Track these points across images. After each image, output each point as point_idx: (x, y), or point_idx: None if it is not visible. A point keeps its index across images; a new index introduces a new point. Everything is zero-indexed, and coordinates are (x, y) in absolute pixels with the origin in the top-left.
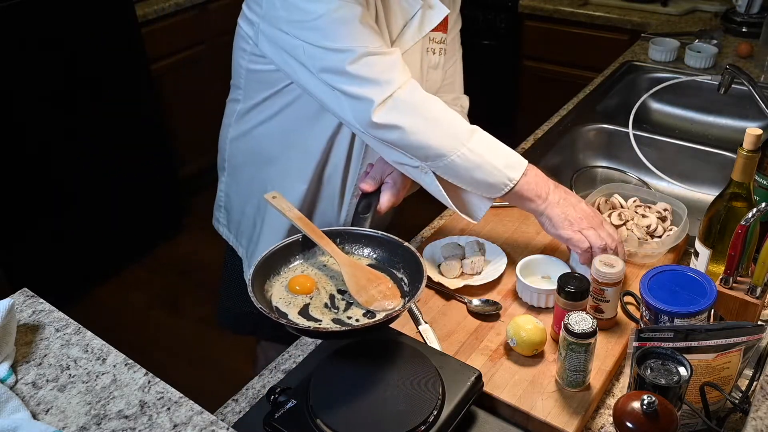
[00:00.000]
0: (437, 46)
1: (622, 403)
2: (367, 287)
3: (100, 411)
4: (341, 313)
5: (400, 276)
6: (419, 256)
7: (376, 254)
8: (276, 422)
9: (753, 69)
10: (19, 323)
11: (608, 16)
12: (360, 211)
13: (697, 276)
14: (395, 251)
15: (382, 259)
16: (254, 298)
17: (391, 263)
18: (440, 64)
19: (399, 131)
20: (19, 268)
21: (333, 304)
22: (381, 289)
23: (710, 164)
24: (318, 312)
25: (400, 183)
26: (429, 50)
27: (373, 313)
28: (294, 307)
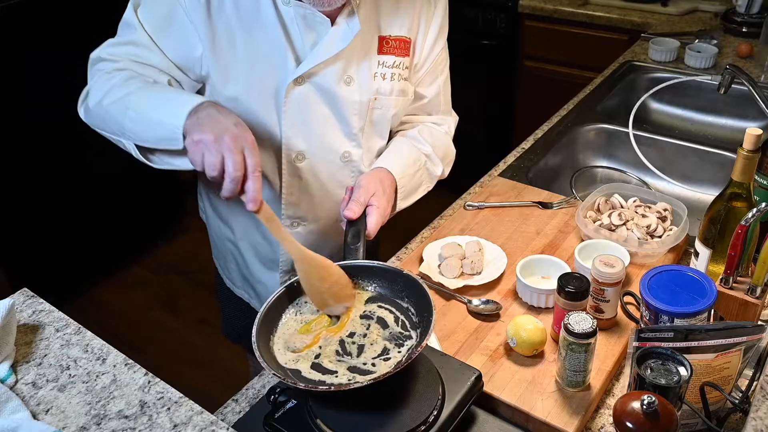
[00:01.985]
0: (390, 71)
1: (622, 403)
2: (319, 288)
3: (100, 411)
4: (355, 358)
5: (406, 305)
6: (422, 284)
7: (376, 284)
8: (276, 422)
9: (753, 69)
10: (19, 323)
11: (608, 16)
12: (350, 242)
13: (697, 276)
14: (396, 280)
15: (383, 290)
16: (266, 365)
17: (394, 292)
18: (399, 90)
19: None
20: (19, 268)
21: (345, 350)
22: (333, 290)
23: (710, 164)
24: (331, 363)
25: (385, 202)
26: (378, 75)
27: (387, 351)
28: (305, 361)
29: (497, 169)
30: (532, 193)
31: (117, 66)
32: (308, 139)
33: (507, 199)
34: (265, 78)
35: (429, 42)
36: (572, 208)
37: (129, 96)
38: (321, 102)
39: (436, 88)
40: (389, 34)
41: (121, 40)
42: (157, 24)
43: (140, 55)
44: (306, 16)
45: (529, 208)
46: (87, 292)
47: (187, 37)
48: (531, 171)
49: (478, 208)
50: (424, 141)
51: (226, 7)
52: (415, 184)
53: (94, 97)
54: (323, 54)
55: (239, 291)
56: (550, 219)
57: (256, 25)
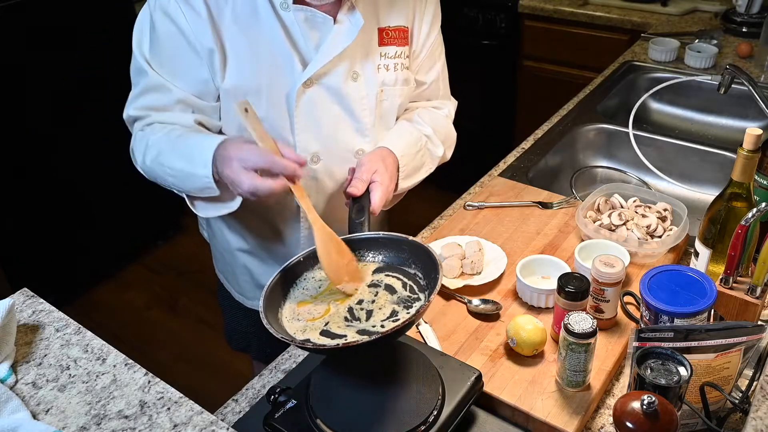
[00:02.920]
0: (392, 61)
1: (622, 403)
2: (338, 261)
3: (100, 411)
4: (364, 322)
5: (413, 271)
6: (427, 247)
7: (382, 255)
8: (276, 422)
9: (753, 69)
10: (19, 323)
11: (608, 16)
12: (354, 216)
13: (697, 276)
14: (401, 248)
15: (390, 260)
16: (272, 329)
17: (400, 261)
18: (403, 80)
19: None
20: (19, 268)
21: (353, 316)
22: (349, 268)
23: (710, 164)
24: (339, 328)
25: (388, 179)
26: (381, 67)
27: (395, 313)
28: (313, 330)
29: (497, 169)
30: (532, 193)
31: (146, 121)
32: (321, 140)
33: (507, 199)
34: (274, 84)
35: (425, 29)
36: (572, 208)
37: (162, 154)
38: (331, 101)
39: (435, 74)
40: (388, 25)
41: (138, 90)
42: (165, 62)
43: (159, 100)
44: (308, 18)
45: (529, 208)
46: (87, 292)
47: (195, 68)
48: (531, 171)
49: (478, 208)
50: (424, 123)
51: (225, 17)
52: (417, 164)
53: (138, 158)
54: (329, 53)
55: (252, 302)
56: (550, 219)
57: (257, 32)
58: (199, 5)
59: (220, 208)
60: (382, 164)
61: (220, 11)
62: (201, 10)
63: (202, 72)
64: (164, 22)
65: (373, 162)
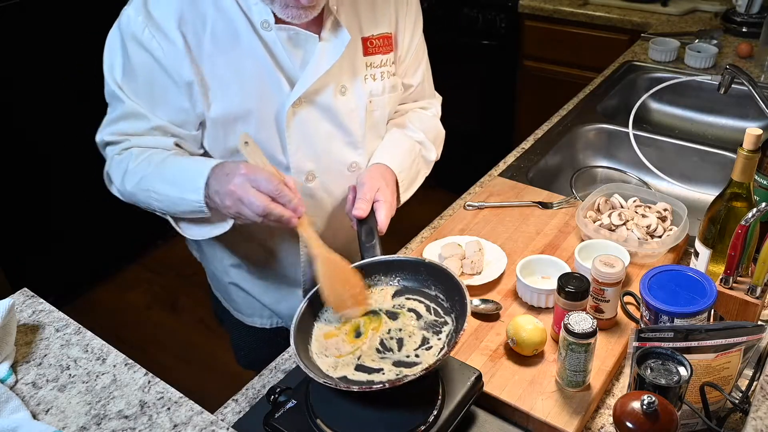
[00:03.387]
0: (378, 70)
1: (622, 403)
2: (340, 291)
3: (100, 411)
4: (397, 353)
5: (434, 293)
6: (446, 269)
7: (399, 278)
8: (276, 422)
9: (753, 69)
10: (19, 323)
11: (608, 16)
12: (364, 240)
13: (697, 276)
14: (418, 270)
15: (408, 283)
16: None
17: (419, 282)
18: (390, 87)
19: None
20: (19, 268)
21: (385, 347)
22: (353, 293)
23: (710, 164)
24: (374, 361)
25: (391, 196)
26: (368, 78)
27: (427, 340)
28: (346, 366)
29: (497, 169)
30: (532, 193)
31: (123, 146)
32: (315, 158)
33: (507, 199)
34: (262, 107)
35: (408, 32)
36: (572, 208)
37: (145, 179)
38: (322, 118)
39: (421, 75)
40: (371, 34)
41: (113, 115)
42: (140, 91)
43: (136, 127)
44: (291, 37)
45: (529, 208)
46: (87, 292)
47: (173, 97)
48: (531, 171)
49: (478, 208)
50: (416, 128)
51: (205, 46)
52: (413, 174)
53: (116, 182)
54: (316, 72)
55: (251, 320)
56: (550, 219)
57: (239, 56)
58: (175, 36)
59: (210, 229)
60: (383, 181)
61: (198, 40)
62: (177, 42)
63: (182, 102)
64: (138, 51)
65: (373, 180)
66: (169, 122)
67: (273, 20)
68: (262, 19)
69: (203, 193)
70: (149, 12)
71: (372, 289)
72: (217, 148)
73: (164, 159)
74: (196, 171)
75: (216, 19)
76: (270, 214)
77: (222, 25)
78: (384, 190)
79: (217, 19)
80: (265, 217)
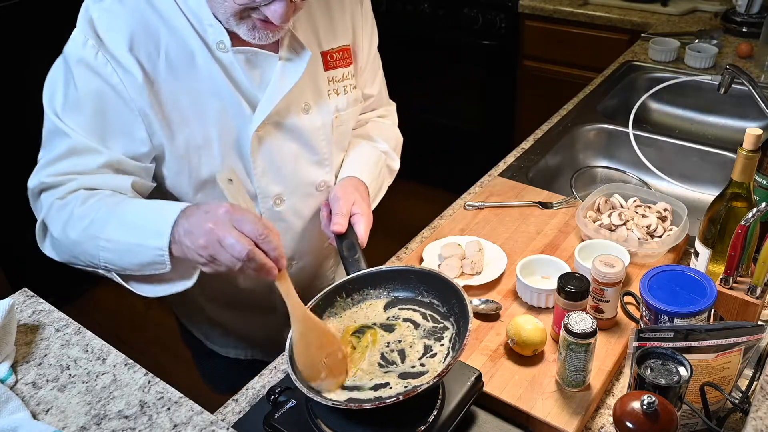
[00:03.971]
0: (341, 84)
1: (622, 403)
2: (315, 356)
3: (100, 411)
4: (401, 365)
5: (428, 300)
6: (438, 273)
7: (389, 289)
8: (276, 422)
9: (753, 69)
10: (19, 323)
11: (608, 16)
12: (347, 255)
13: (697, 276)
14: (408, 278)
15: (398, 293)
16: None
17: (410, 291)
18: (353, 100)
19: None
20: (19, 268)
21: (388, 360)
22: (329, 362)
23: (710, 164)
24: (379, 377)
25: (367, 208)
26: (332, 92)
27: (430, 348)
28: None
29: (497, 169)
30: (532, 193)
31: (67, 188)
32: (282, 181)
33: (507, 199)
34: (224, 133)
35: (367, 41)
36: (572, 208)
37: (93, 224)
38: (287, 139)
39: (379, 84)
40: (331, 47)
41: (55, 154)
42: (89, 123)
43: (85, 164)
44: (249, 59)
45: (529, 208)
46: (87, 292)
47: (128, 127)
48: (531, 171)
49: (478, 208)
50: (380, 139)
51: (161, 72)
52: (379, 184)
53: (54, 232)
54: (278, 93)
55: (226, 351)
56: (550, 219)
57: (197, 80)
58: (130, 64)
59: (167, 287)
60: (357, 194)
61: (154, 68)
62: (134, 71)
63: (138, 132)
64: (89, 77)
65: (348, 194)
66: (124, 155)
67: (229, 42)
68: (218, 40)
69: (168, 238)
70: (98, 35)
71: (361, 304)
72: (182, 183)
73: (120, 201)
74: (162, 212)
75: (169, 42)
76: (252, 259)
77: (176, 48)
78: (360, 203)
79: (170, 41)
80: (246, 263)
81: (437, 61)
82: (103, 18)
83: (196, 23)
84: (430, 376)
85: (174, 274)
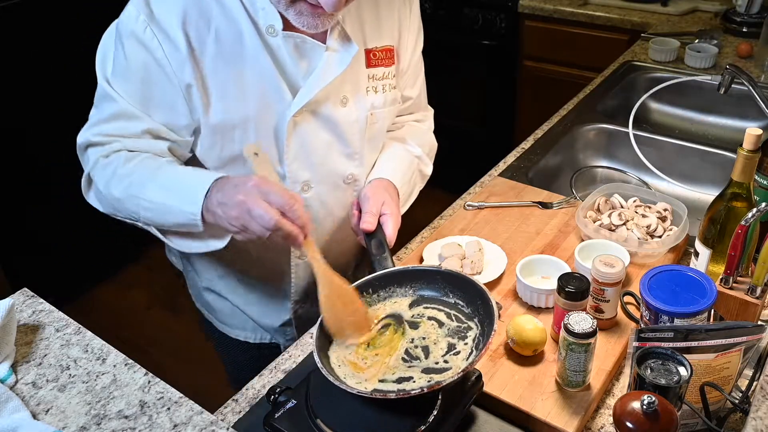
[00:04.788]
0: (380, 83)
1: (622, 403)
2: (341, 314)
3: (100, 411)
4: (425, 360)
5: (452, 300)
6: (463, 275)
7: (414, 288)
8: (276, 422)
9: (753, 69)
10: (19, 323)
11: (608, 16)
12: (375, 253)
13: (697, 276)
14: (434, 279)
15: (424, 292)
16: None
17: (435, 291)
18: (391, 100)
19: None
20: (19, 268)
21: (411, 356)
22: (354, 319)
23: (710, 164)
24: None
25: (396, 209)
26: (370, 90)
27: (453, 346)
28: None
29: (497, 169)
30: (532, 193)
31: (111, 148)
32: (312, 168)
33: (507, 199)
34: (262, 115)
35: (411, 45)
36: (572, 208)
37: (134, 185)
38: (322, 128)
39: (419, 88)
40: (375, 46)
41: (103, 115)
42: (135, 91)
43: (128, 128)
44: (298, 45)
45: (529, 208)
46: (87, 292)
47: (170, 99)
48: (531, 171)
49: (478, 208)
50: (414, 143)
51: (208, 49)
52: (410, 188)
53: (99, 186)
54: (320, 82)
55: (235, 332)
56: (550, 219)
57: (242, 62)
58: (178, 39)
59: (201, 244)
60: (387, 195)
61: (201, 42)
62: (181, 45)
63: (179, 105)
64: (137, 50)
65: (378, 194)
66: (164, 125)
67: (281, 26)
68: (269, 24)
69: (201, 204)
70: (152, 10)
71: (386, 301)
72: (211, 157)
73: (160, 165)
74: (197, 181)
75: (220, 21)
76: (280, 228)
77: (226, 28)
78: (389, 203)
79: (221, 20)
80: (274, 232)
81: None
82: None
83: (248, 5)
84: (453, 372)
85: (207, 233)
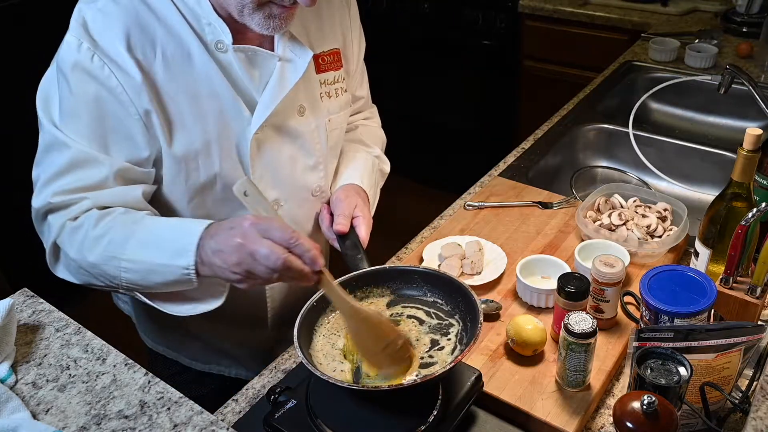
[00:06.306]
0: (332, 87)
1: (622, 403)
2: (373, 349)
3: (100, 411)
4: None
5: (431, 299)
6: (444, 273)
7: (393, 286)
8: (276, 422)
9: (753, 69)
10: (19, 323)
11: (608, 16)
12: (350, 254)
13: (697, 276)
14: (411, 278)
15: (402, 291)
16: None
17: (413, 290)
18: (345, 103)
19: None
20: (19, 268)
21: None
22: (389, 351)
23: (710, 164)
24: None
25: (368, 212)
26: (324, 95)
27: (437, 342)
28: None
29: (497, 169)
30: (532, 193)
31: (80, 207)
32: (280, 185)
33: (507, 199)
34: (223, 136)
35: (356, 45)
36: (572, 208)
37: (112, 244)
38: (284, 142)
39: (366, 86)
40: (321, 50)
41: (56, 168)
42: (90, 128)
43: (92, 176)
44: (249, 57)
45: (529, 208)
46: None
47: (129, 130)
48: (531, 171)
49: (478, 208)
50: (372, 144)
51: (158, 73)
52: (376, 189)
53: (70, 254)
54: (279, 93)
55: (208, 367)
56: (550, 219)
57: (195, 81)
58: (128, 65)
59: (194, 306)
60: (360, 199)
61: (150, 66)
62: (132, 71)
63: (137, 136)
64: (85, 82)
65: (351, 198)
66: (127, 161)
67: (230, 40)
68: (217, 39)
69: (194, 257)
70: (93, 38)
71: (364, 302)
72: (178, 189)
73: (138, 219)
74: (185, 231)
75: (165, 41)
76: (289, 267)
77: (172, 48)
78: (361, 206)
79: (166, 40)
80: (282, 272)
81: (437, 60)
82: (98, 19)
83: (193, 22)
84: (440, 366)
85: (201, 293)
